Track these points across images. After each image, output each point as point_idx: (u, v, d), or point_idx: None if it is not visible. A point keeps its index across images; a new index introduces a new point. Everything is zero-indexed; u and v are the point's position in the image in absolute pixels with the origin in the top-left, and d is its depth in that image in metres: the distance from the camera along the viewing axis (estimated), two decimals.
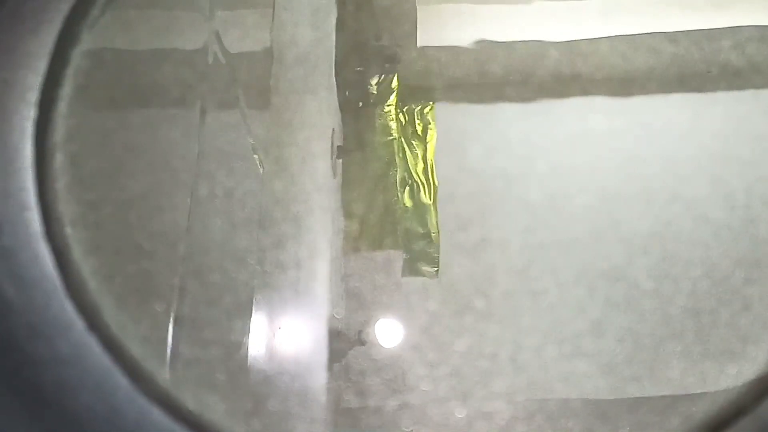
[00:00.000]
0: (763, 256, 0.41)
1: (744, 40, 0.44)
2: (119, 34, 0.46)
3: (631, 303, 0.40)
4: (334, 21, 0.45)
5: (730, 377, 0.39)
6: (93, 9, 0.47)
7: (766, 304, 0.40)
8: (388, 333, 0.41)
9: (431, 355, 0.40)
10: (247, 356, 0.40)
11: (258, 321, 0.41)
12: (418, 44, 0.45)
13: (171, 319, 0.41)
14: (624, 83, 0.44)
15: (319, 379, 0.40)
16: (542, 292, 0.41)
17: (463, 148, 0.43)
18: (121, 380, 0.40)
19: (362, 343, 0.39)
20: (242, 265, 0.41)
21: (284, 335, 0.41)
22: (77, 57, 0.46)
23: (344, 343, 0.40)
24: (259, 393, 0.40)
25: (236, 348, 0.40)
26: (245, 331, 0.41)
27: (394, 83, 0.44)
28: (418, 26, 0.45)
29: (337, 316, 0.41)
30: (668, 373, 0.39)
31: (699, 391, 0.39)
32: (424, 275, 0.41)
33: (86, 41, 0.46)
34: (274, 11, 0.46)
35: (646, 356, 0.40)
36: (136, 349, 0.41)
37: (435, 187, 0.43)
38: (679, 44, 0.45)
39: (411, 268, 0.42)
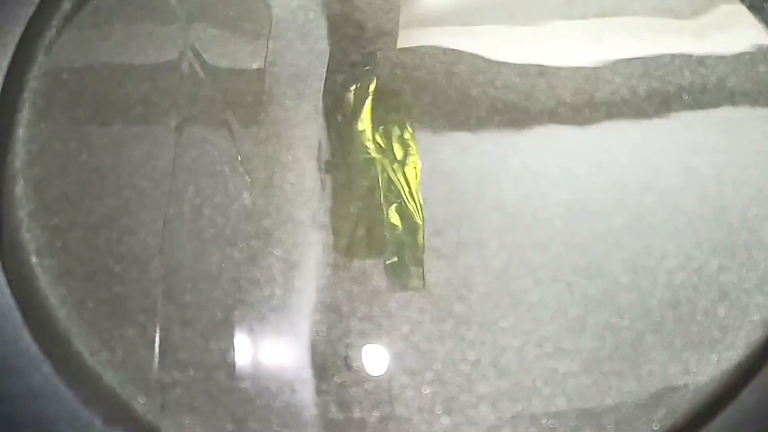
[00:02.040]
0: (737, 242, 0.41)
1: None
2: (77, 54, 0.45)
3: (610, 298, 0.40)
4: (315, 32, 0.45)
5: (712, 366, 0.39)
6: (48, 30, 0.46)
7: (742, 290, 0.40)
8: (369, 343, 0.40)
9: (413, 363, 0.40)
10: (225, 376, 0.40)
11: (235, 340, 0.40)
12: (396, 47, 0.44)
13: (146, 344, 0.40)
14: (590, 78, 0.44)
15: (300, 395, 0.39)
16: (521, 292, 0.41)
17: (434, 150, 0.43)
18: (97, 409, 0.39)
19: (348, 367, 0.39)
20: (216, 284, 0.41)
21: (262, 352, 0.40)
22: (34, 80, 0.45)
23: (324, 357, 0.40)
24: (239, 413, 0.39)
25: (214, 369, 0.40)
26: (222, 350, 0.40)
27: (371, 88, 0.44)
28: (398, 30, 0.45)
29: (315, 329, 0.40)
30: (650, 366, 0.39)
31: (682, 382, 0.39)
32: (410, 289, 0.41)
33: (43, 64, 0.45)
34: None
35: (627, 350, 0.40)
36: (111, 376, 0.40)
37: (421, 207, 0.42)
38: (641, 37, 0.45)
39: (398, 283, 0.41)
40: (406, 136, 0.43)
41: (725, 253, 0.41)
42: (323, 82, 0.44)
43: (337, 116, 0.43)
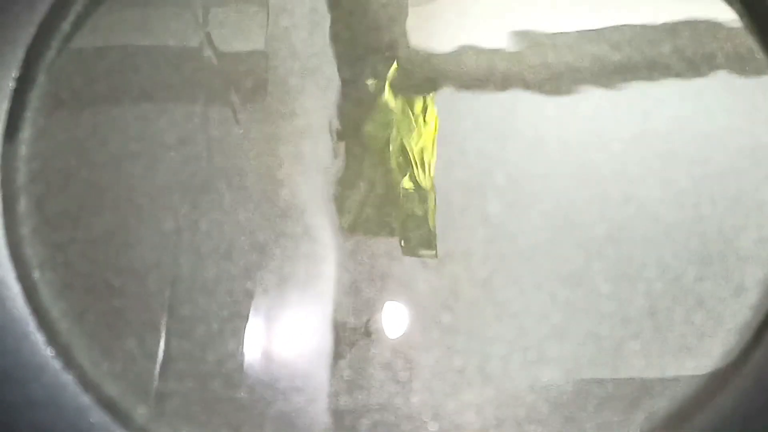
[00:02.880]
0: (713, 252, 0.42)
1: (680, 41, 0.46)
2: (76, 74, 0.47)
3: (591, 306, 0.42)
4: (307, 50, 0.46)
5: (689, 372, 0.41)
6: (48, 51, 0.47)
7: (718, 299, 0.42)
8: (358, 353, 0.42)
9: (401, 373, 0.41)
10: (221, 386, 0.41)
11: (230, 350, 0.42)
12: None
13: (144, 355, 0.41)
14: (570, 89, 0.45)
15: (292, 403, 0.41)
16: (506, 301, 0.42)
17: None
18: (97, 419, 0.40)
19: (339, 376, 0.40)
20: (211, 297, 0.42)
21: (257, 362, 0.42)
22: (35, 100, 0.47)
23: (315, 366, 0.41)
24: (235, 421, 0.41)
25: (211, 378, 0.41)
26: (218, 361, 0.41)
27: (393, 68, 0.44)
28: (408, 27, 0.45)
29: (306, 340, 0.42)
30: (630, 373, 0.41)
31: (660, 388, 0.40)
32: (423, 257, 0.42)
33: (43, 84, 0.47)
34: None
35: (608, 358, 0.41)
36: (110, 386, 0.41)
37: (431, 171, 0.43)
38: (621, 50, 0.46)
39: (410, 251, 0.42)
40: (427, 102, 0.44)
41: (702, 262, 0.42)
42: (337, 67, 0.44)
43: (367, 82, 0.44)
